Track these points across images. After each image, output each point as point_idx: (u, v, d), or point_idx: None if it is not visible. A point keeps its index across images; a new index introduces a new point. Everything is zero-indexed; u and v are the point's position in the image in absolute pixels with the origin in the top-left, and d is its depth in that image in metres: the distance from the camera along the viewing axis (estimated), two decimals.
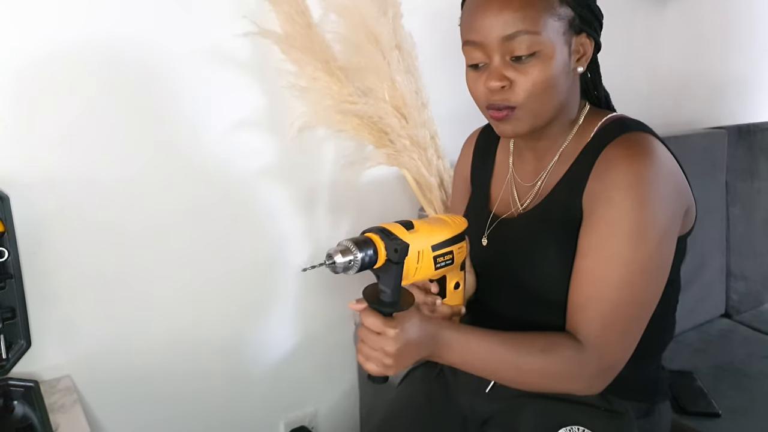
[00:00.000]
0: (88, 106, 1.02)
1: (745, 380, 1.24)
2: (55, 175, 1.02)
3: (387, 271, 0.66)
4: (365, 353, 0.69)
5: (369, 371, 0.70)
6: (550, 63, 0.71)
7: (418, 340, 0.69)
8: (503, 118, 0.74)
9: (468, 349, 0.72)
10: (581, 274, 0.73)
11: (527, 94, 0.72)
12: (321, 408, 1.41)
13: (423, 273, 0.72)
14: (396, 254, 0.65)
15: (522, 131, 0.76)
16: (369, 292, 0.69)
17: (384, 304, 0.67)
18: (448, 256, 0.74)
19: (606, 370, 0.73)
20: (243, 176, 1.19)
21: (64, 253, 1.05)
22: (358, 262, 0.64)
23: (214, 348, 1.24)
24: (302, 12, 1.09)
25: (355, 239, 0.65)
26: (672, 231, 0.74)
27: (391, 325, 0.67)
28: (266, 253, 1.26)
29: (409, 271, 0.69)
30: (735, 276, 1.54)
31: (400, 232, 0.68)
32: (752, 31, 1.89)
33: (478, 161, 0.96)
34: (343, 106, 1.14)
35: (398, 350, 0.67)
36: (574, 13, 0.73)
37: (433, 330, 0.71)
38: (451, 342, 0.72)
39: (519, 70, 0.71)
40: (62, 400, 1.01)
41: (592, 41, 0.76)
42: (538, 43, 0.70)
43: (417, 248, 0.69)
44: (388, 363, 0.68)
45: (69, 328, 1.08)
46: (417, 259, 0.70)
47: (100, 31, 1.01)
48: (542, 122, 0.76)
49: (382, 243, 0.65)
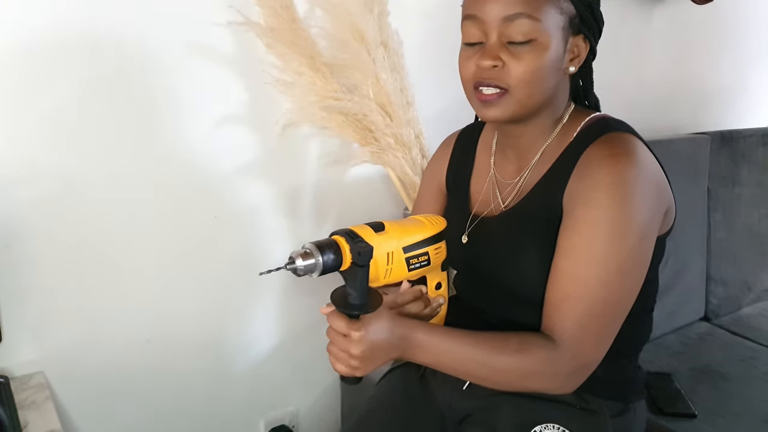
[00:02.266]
0: (66, 98, 1.01)
1: (721, 382, 1.25)
2: (31, 168, 1.00)
3: (353, 274, 0.66)
4: (334, 354, 0.70)
5: (338, 372, 0.70)
6: (544, 54, 0.71)
7: (387, 341, 0.69)
8: (490, 100, 0.74)
9: (440, 350, 0.72)
10: (559, 272, 0.73)
11: (517, 80, 0.72)
12: (302, 407, 1.40)
13: (396, 275, 0.71)
14: (360, 257, 0.64)
15: (504, 117, 0.75)
16: (337, 294, 0.69)
17: (351, 307, 0.67)
18: (423, 258, 0.73)
19: (580, 370, 0.73)
20: (225, 172, 1.18)
21: (40, 247, 1.03)
22: (320, 265, 0.63)
23: (194, 346, 1.23)
24: (287, 6, 1.09)
25: (318, 242, 0.64)
26: (651, 232, 0.74)
27: (355, 327, 0.67)
28: (248, 251, 1.25)
29: (379, 273, 0.69)
30: (715, 280, 1.56)
31: (368, 234, 0.68)
32: (737, 40, 1.92)
33: (456, 163, 0.95)
34: (327, 103, 1.14)
35: (363, 352, 0.67)
36: (576, 11, 0.73)
37: (403, 331, 0.70)
38: (422, 343, 0.71)
39: (513, 54, 0.71)
40: (34, 396, 0.99)
41: (588, 45, 0.77)
42: (537, 30, 0.70)
43: (386, 250, 0.69)
44: (354, 365, 0.68)
45: (43, 323, 1.06)
46: (387, 261, 0.69)
47: (78, 22, 0.99)
48: (525, 113, 0.76)
49: (347, 246, 0.65)
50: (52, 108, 1.00)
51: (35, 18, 0.96)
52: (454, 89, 0.81)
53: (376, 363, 0.69)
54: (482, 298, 0.86)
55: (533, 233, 0.77)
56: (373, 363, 0.69)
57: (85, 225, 1.06)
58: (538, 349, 0.71)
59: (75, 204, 1.05)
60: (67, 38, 0.99)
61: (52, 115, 1.00)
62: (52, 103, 1.00)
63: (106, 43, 1.02)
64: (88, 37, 1.00)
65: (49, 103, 1.00)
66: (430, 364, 0.74)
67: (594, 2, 0.76)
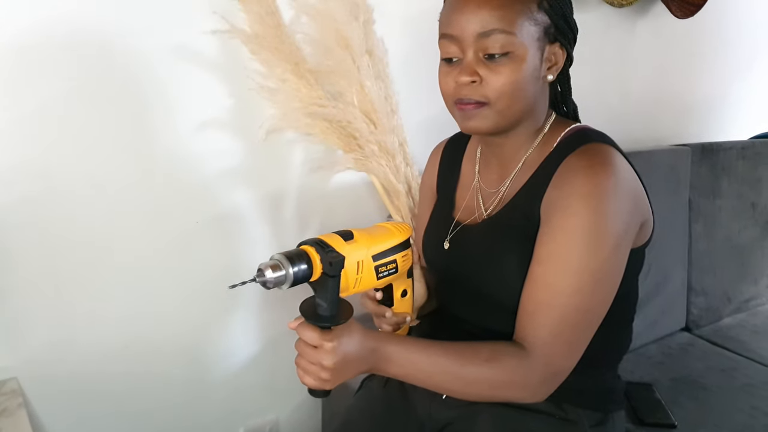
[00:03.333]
0: (46, 101, 0.99)
1: (701, 392, 1.26)
2: (8, 171, 0.98)
3: (323, 285, 0.64)
4: (303, 367, 0.68)
5: (306, 385, 0.69)
6: (521, 65, 0.72)
7: (357, 354, 0.68)
8: (470, 111, 0.75)
9: (410, 362, 0.71)
10: (534, 280, 0.73)
11: (496, 93, 0.73)
12: (282, 415, 1.38)
13: (365, 284, 0.71)
14: (331, 267, 0.63)
15: (485, 129, 0.76)
16: (306, 306, 0.67)
17: (321, 318, 0.65)
18: (391, 266, 0.73)
19: (551, 378, 0.73)
20: (208, 177, 1.17)
21: (15, 249, 1.01)
22: (290, 276, 0.62)
23: (173, 353, 1.21)
24: (272, 13, 1.08)
25: (287, 253, 0.63)
26: (626, 243, 0.74)
27: (327, 338, 0.66)
28: (229, 258, 1.23)
29: (349, 282, 0.68)
30: (696, 291, 1.57)
31: (337, 243, 0.66)
32: (717, 53, 1.95)
33: (444, 170, 0.97)
34: (311, 109, 1.14)
35: (335, 364, 0.66)
36: (550, 21, 0.74)
37: (373, 344, 0.70)
38: (392, 355, 0.71)
39: (491, 68, 0.72)
40: (6, 403, 0.97)
41: (564, 52, 0.78)
42: (512, 44, 0.71)
43: (356, 259, 0.68)
44: (324, 377, 0.67)
45: (17, 328, 1.04)
46: (357, 270, 0.68)
47: (60, 23, 0.98)
48: (506, 123, 0.76)
49: (317, 256, 0.63)
50: (33, 109, 0.98)
51: (20, 20, 0.95)
52: (439, 98, 0.81)
53: (346, 375, 0.68)
54: (462, 304, 0.86)
55: (513, 241, 0.77)
56: (343, 375, 0.68)
57: (63, 228, 1.04)
58: (508, 358, 0.71)
59: (54, 206, 1.03)
60: (49, 42, 0.97)
61: (33, 117, 0.99)
62: (33, 104, 0.98)
63: (88, 45, 1.01)
64: (71, 40, 0.99)
65: (30, 105, 0.98)
66: (401, 377, 0.73)
67: (567, 11, 0.77)
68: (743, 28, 1.98)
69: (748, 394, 1.26)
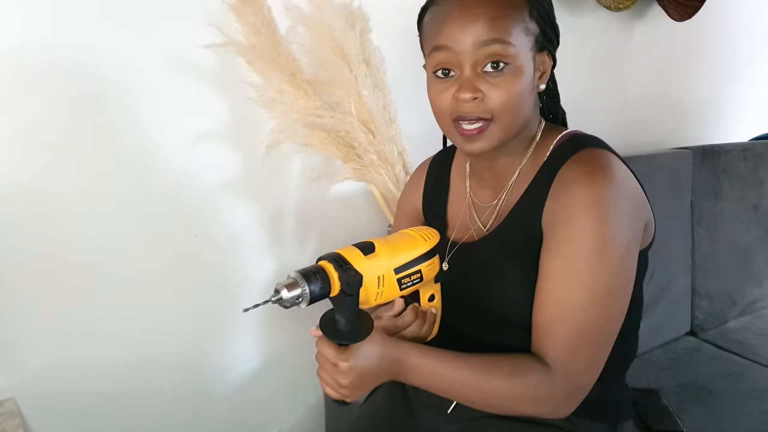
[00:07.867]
0: (41, 115, 0.98)
1: (708, 398, 1.24)
2: (4, 189, 0.97)
3: (342, 302, 0.63)
4: (324, 379, 0.69)
5: (328, 395, 0.69)
6: (520, 77, 0.70)
7: (377, 366, 0.67)
8: (476, 134, 0.72)
9: (433, 374, 0.70)
10: (545, 296, 0.71)
11: (500, 108, 0.70)
12: (285, 428, 1.36)
13: (387, 296, 0.69)
14: (349, 287, 0.61)
15: (490, 148, 0.74)
16: (326, 320, 0.66)
17: (341, 335, 0.64)
18: (416, 276, 0.71)
19: (574, 394, 0.71)
20: (206, 190, 1.16)
21: (10, 268, 1.00)
22: (306, 295, 0.60)
23: (174, 369, 1.19)
24: (268, 23, 1.08)
25: (304, 270, 0.61)
26: (633, 248, 0.73)
27: (343, 358, 0.65)
28: (229, 270, 1.22)
29: (369, 296, 0.66)
30: (700, 295, 1.56)
31: (356, 258, 0.64)
32: (715, 55, 1.95)
33: (431, 190, 0.94)
34: (309, 120, 1.13)
35: (352, 382, 0.66)
36: (539, 29, 0.73)
37: (395, 354, 0.69)
38: (416, 366, 0.70)
39: (491, 83, 0.70)
40: (4, 424, 0.95)
41: (551, 59, 0.77)
42: (511, 55, 0.69)
43: (377, 273, 0.66)
44: (344, 393, 0.67)
45: (14, 347, 1.02)
46: (378, 284, 0.66)
47: (55, 39, 0.97)
48: (509, 138, 0.75)
49: (335, 273, 0.62)
50: (29, 125, 0.98)
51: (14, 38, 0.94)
52: None
53: (366, 388, 0.68)
54: (467, 322, 0.84)
55: (515, 256, 0.76)
56: (363, 389, 0.68)
57: (60, 247, 1.03)
58: (531, 374, 0.69)
59: (51, 223, 1.02)
60: (43, 56, 0.97)
61: (29, 133, 0.98)
62: (29, 120, 0.98)
63: (85, 59, 1.00)
64: (67, 53, 0.98)
65: (25, 121, 0.97)
66: (423, 386, 0.72)
67: (553, 16, 0.75)
68: (741, 28, 1.98)
69: (757, 399, 1.24)
